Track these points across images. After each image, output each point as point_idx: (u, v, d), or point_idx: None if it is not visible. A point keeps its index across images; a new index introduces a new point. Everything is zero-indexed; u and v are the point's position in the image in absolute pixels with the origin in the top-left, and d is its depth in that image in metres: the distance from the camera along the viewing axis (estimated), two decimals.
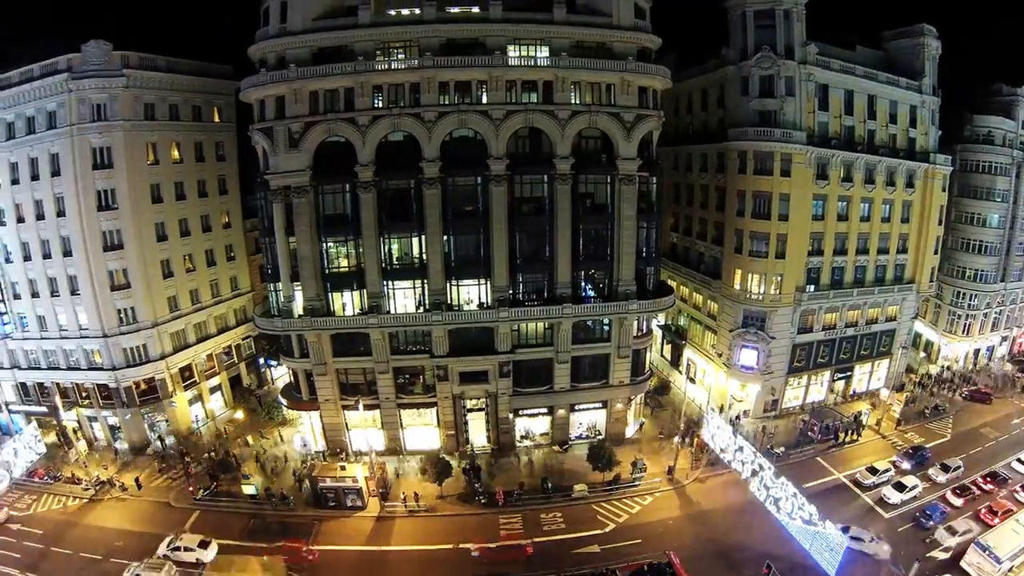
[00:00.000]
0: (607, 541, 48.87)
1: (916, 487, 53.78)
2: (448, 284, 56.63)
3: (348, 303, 57.24)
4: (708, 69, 67.06)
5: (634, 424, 64.41)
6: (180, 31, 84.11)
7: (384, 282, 56.35)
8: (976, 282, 77.07)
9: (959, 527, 48.01)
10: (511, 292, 57.08)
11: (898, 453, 59.57)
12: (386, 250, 56.23)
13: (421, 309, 56.98)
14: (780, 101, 60.11)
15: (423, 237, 55.36)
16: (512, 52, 53.01)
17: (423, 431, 61.09)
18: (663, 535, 49.30)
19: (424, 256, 55.91)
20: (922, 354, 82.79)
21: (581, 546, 48.40)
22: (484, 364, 58.33)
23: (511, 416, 60.80)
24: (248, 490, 54.91)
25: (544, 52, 53.57)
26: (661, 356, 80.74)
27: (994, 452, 60.19)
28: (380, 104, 52.86)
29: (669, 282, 68.70)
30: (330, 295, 56.85)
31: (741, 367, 65.63)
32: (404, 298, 57.13)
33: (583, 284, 58.96)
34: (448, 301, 56.86)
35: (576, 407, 61.61)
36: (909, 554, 44.81)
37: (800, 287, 63.54)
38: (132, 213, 60.10)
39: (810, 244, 63.39)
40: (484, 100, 53.23)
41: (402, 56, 52.85)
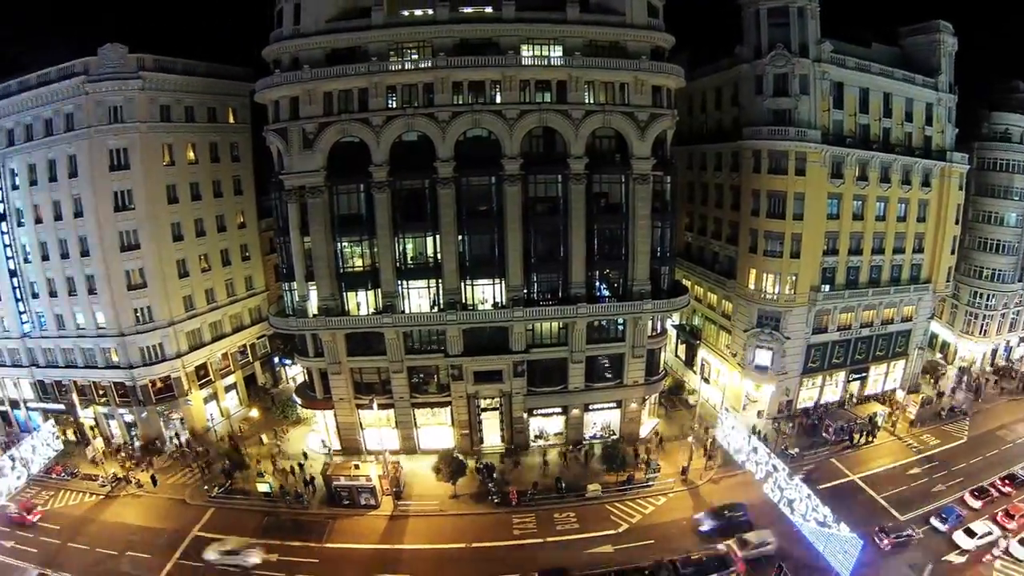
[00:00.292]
0: (620, 541, 48.73)
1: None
2: (463, 284, 56.66)
3: (362, 302, 57.44)
4: (722, 68, 66.66)
5: (648, 424, 64.26)
6: (195, 33, 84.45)
7: (398, 282, 56.49)
8: (993, 282, 75.97)
9: (978, 529, 47.41)
10: (525, 292, 57.06)
11: (705, 511, 50.99)
12: (400, 250, 56.35)
13: (435, 309, 57.08)
14: (794, 99, 59.66)
15: (437, 237, 55.44)
16: (525, 52, 53.00)
17: (437, 430, 61.21)
18: (676, 536, 49.09)
19: (438, 256, 55.97)
20: (938, 355, 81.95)
21: (594, 546, 48.26)
22: (498, 364, 58.37)
23: (525, 416, 60.80)
24: (262, 488, 55.27)
25: (557, 51, 53.47)
26: (675, 356, 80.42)
27: (1014, 455, 59.14)
28: (394, 104, 53.00)
29: (684, 282, 68.43)
30: (344, 294, 57.07)
31: (755, 367, 65.25)
32: (418, 298, 57.23)
33: (597, 284, 58.86)
34: (463, 301, 56.89)
35: (590, 407, 61.49)
36: (923, 557, 44.69)
37: (815, 287, 63.06)
38: (148, 214, 60.77)
39: (825, 243, 62.83)
40: (498, 100, 53.22)
41: (415, 56, 52.93)
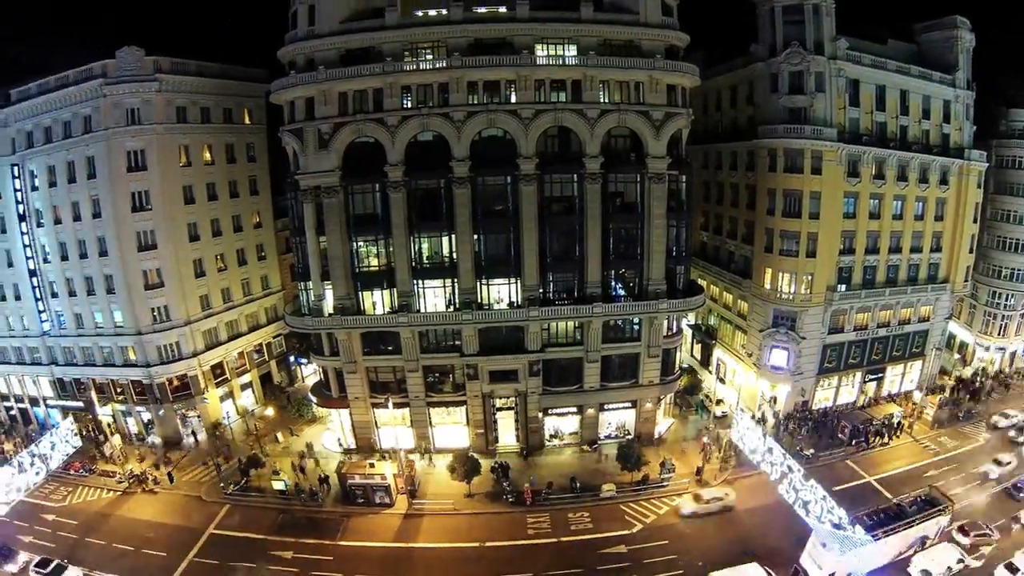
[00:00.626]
0: (634, 542, 48.61)
1: None
2: (478, 283, 56.70)
3: (378, 302, 57.62)
4: (737, 66, 66.32)
5: (664, 424, 64.09)
6: (210, 36, 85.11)
7: (414, 281, 56.60)
8: (1013, 281, 74.89)
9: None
10: (541, 291, 56.99)
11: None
12: (416, 249, 56.46)
13: (451, 308, 57.13)
14: (810, 97, 59.23)
15: (453, 236, 55.50)
16: (540, 51, 52.94)
17: (452, 429, 61.25)
18: (690, 536, 48.96)
19: (454, 255, 56.03)
20: (956, 356, 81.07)
21: (608, 546, 48.17)
22: (514, 363, 58.31)
23: (540, 415, 60.72)
24: (277, 486, 55.54)
25: (572, 51, 53.35)
26: (691, 356, 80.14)
27: None
28: (409, 104, 53.14)
29: (699, 281, 68.23)
30: (360, 294, 57.29)
31: (771, 367, 64.85)
32: (434, 297, 57.31)
33: (613, 283, 58.67)
34: (478, 300, 56.91)
35: (605, 406, 61.30)
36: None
37: (831, 286, 62.53)
38: (165, 214, 61.37)
39: (841, 243, 62.29)
40: (513, 99, 53.18)
41: (430, 56, 53.00)
